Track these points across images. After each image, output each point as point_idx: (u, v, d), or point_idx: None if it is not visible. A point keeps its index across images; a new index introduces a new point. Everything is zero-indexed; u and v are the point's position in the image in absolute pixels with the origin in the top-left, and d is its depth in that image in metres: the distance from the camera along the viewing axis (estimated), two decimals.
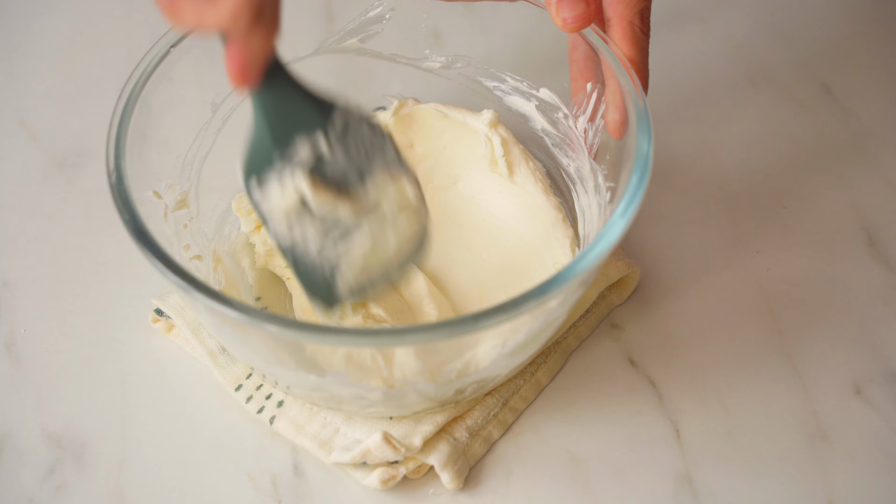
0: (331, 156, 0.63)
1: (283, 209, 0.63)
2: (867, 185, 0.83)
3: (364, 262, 0.65)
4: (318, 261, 0.64)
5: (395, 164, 0.65)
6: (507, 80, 0.78)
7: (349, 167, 0.64)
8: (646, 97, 0.67)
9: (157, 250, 0.62)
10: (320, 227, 0.64)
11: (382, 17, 0.77)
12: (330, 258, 0.64)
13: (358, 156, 0.64)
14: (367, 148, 0.64)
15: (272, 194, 0.63)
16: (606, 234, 0.62)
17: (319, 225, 0.64)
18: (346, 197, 0.64)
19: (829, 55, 0.91)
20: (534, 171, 0.76)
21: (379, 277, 0.66)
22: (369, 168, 0.64)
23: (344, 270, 0.65)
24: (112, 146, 0.65)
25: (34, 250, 0.80)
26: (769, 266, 0.79)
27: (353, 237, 0.64)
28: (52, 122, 0.87)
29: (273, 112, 0.62)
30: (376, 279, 0.66)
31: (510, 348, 0.65)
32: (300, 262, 0.65)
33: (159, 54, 0.69)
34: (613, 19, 0.69)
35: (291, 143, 0.62)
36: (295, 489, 0.70)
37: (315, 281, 0.65)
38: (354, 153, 0.64)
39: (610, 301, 0.77)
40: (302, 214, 0.63)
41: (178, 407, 0.73)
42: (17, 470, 0.70)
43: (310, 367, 0.64)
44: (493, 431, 0.71)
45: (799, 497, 0.69)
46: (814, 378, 0.74)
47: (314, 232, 0.64)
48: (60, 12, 0.95)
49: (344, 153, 0.63)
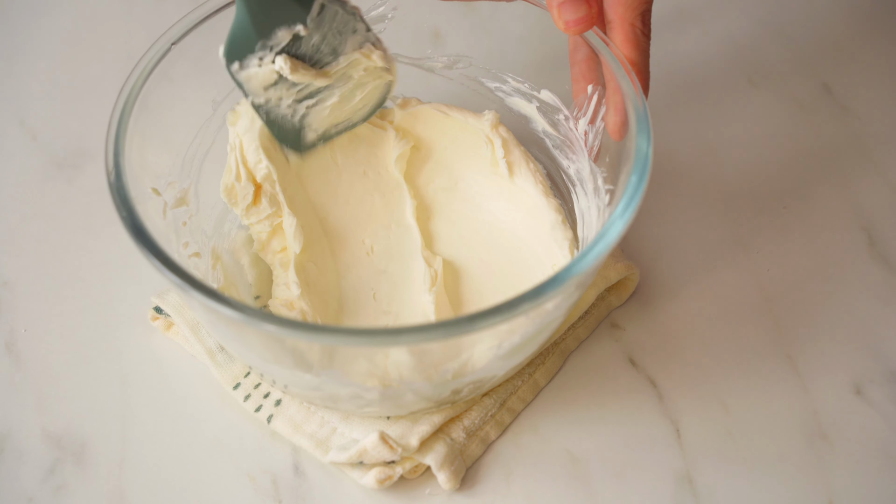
0: (308, 40, 0.67)
1: (261, 84, 0.68)
2: (867, 185, 0.83)
3: (331, 112, 0.72)
4: (288, 114, 0.70)
5: (366, 40, 0.69)
6: (509, 81, 0.78)
7: (324, 48, 0.68)
8: (646, 99, 0.67)
9: (155, 247, 0.62)
10: (294, 95, 0.70)
11: (384, 17, 0.77)
12: (300, 112, 0.71)
13: (332, 37, 0.68)
14: (340, 29, 0.68)
15: (252, 74, 0.68)
16: (605, 234, 0.62)
17: (294, 92, 0.70)
18: (319, 72, 0.69)
19: (829, 55, 0.91)
20: (534, 172, 0.76)
21: (344, 122, 0.74)
22: (342, 47, 0.69)
23: (311, 120, 0.72)
24: (111, 144, 0.65)
25: (34, 250, 0.80)
26: (769, 266, 0.79)
27: (323, 98, 0.71)
28: (52, 122, 0.87)
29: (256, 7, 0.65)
30: (341, 124, 0.74)
31: (506, 350, 0.65)
32: (272, 115, 0.71)
33: (159, 52, 0.69)
34: (614, 21, 0.69)
35: (272, 33, 0.67)
36: (295, 489, 0.70)
37: (285, 129, 0.72)
38: (330, 36, 0.68)
39: (609, 303, 0.77)
40: (278, 84, 0.69)
41: (178, 406, 0.73)
42: (17, 470, 0.70)
43: (307, 366, 0.64)
44: (491, 432, 0.71)
45: (799, 497, 0.69)
46: (814, 378, 0.74)
47: (288, 97, 0.70)
48: (60, 12, 0.95)
49: (320, 37, 0.68)
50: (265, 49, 0.67)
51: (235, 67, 0.68)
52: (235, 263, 0.75)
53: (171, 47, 0.69)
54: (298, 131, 0.72)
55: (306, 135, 0.73)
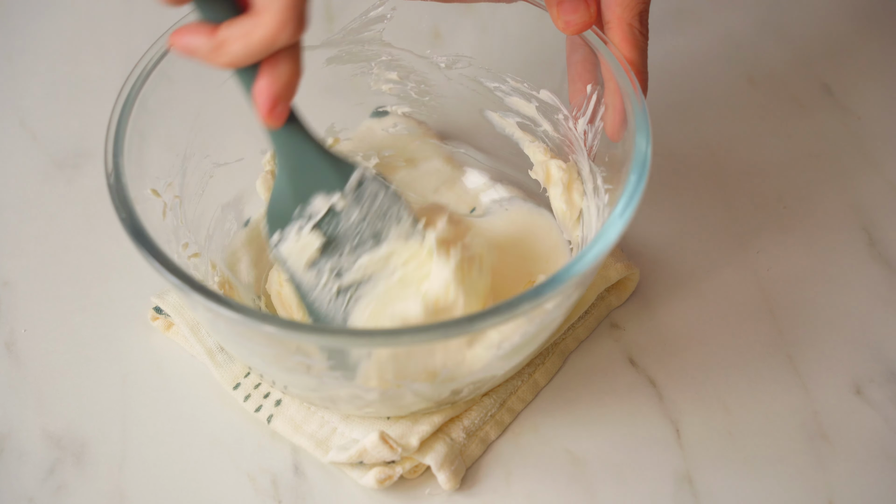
0: (347, 216, 0.67)
1: (303, 260, 0.67)
2: (867, 185, 0.83)
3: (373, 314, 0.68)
4: (332, 312, 0.68)
5: (411, 230, 0.68)
6: (508, 80, 0.78)
7: (365, 230, 0.67)
8: (645, 99, 0.67)
9: (154, 248, 0.62)
10: (336, 279, 0.67)
11: (384, 17, 0.77)
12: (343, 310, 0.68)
13: (375, 220, 0.67)
14: (383, 213, 0.67)
15: (291, 246, 0.67)
16: (604, 234, 0.62)
17: (336, 276, 0.67)
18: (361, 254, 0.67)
19: (829, 55, 0.91)
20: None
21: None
22: (386, 233, 0.67)
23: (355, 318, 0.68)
24: (111, 144, 0.65)
25: (34, 250, 0.80)
26: (769, 266, 0.79)
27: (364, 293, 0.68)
28: (52, 122, 0.87)
29: (294, 160, 0.65)
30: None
31: (506, 350, 0.65)
32: (317, 314, 0.68)
33: (159, 52, 0.69)
34: (612, 21, 0.69)
35: (310, 198, 0.66)
36: (295, 489, 0.70)
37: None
38: (371, 217, 0.67)
39: (609, 303, 0.77)
40: (320, 264, 0.67)
41: (178, 406, 0.73)
42: (17, 470, 0.70)
43: (306, 368, 0.64)
44: (491, 432, 0.71)
45: (799, 497, 0.69)
46: (814, 378, 0.74)
47: (330, 284, 0.67)
48: (60, 12, 0.95)
49: (360, 215, 0.67)
50: (303, 218, 0.67)
51: (276, 239, 0.67)
52: (235, 264, 0.75)
53: (171, 47, 0.69)
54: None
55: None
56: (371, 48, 0.79)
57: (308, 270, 0.68)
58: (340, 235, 0.67)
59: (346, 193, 0.66)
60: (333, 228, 0.67)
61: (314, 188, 0.66)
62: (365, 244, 0.67)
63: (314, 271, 0.67)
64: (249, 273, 0.75)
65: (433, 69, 0.79)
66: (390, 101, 0.81)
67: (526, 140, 0.78)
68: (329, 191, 0.66)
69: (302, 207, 0.67)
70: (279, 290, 0.73)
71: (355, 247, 0.67)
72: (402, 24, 0.78)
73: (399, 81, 0.80)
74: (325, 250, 0.67)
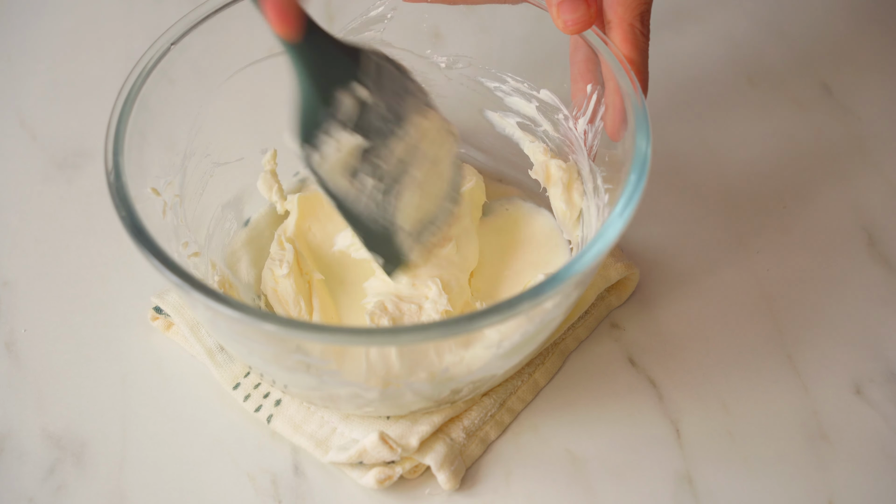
0: (373, 103, 0.65)
1: (340, 167, 0.65)
2: (867, 185, 0.83)
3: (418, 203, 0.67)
4: (380, 217, 0.67)
5: (422, 99, 0.67)
6: (509, 80, 0.78)
7: (389, 115, 0.65)
8: (645, 99, 0.67)
9: (154, 247, 0.62)
10: (374, 177, 0.66)
11: (384, 17, 0.77)
12: (386, 210, 0.67)
13: (393, 101, 0.66)
14: (398, 88, 0.66)
15: (328, 153, 0.64)
16: (604, 234, 0.62)
17: (373, 175, 0.66)
18: (392, 142, 0.66)
19: (829, 55, 0.91)
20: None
21: (433, 217, 0.70)
22: (404, 109, 0.66)
23: (401, 218, 0.67)
24: (111, 143, 0.65)
25: (34, 250, 0.80)
26: (769, 266, 0.79)
27: (406, 184, 0.67)
28: (52, 122, 0.87)
29: (315, 66, 0.63)
30: (431, 219, 0.70)
31: (505, 349, 0.65)
32: (365, 227, 0.67)
33: (159, 52, 0.69)
34: (614, 22, 0.69)
35: (335, 99, 0.64)
36: (295, 489, 0.70)
37: (377, 239, 0.68)
38: (390, 99, 0.65)
39: (609, 303, 0.77)
40: (356, 168, 0.65)
41: (178, 406, 0.73)
42: (17, 470, 0.70)
43: (306, 367, 0.64)
44: (490, 432, 0.71)
45: (799, 497, 0.69)
46: (814, 378, 0.74)
47: (370, 183, 0.66)
48: (60, 12, 0.95)
49: (382, 98, 0.65)
50: (332, 121, 0.64)
51: (310, 155, 0.65)
52: (235, 264, 0.75)
53: (170, 47, 0.69)
54: (393, 236, 0.69)
55: (402, 241, 0.69)
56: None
57: (350, 182, 0.66)
58: (373, 130, 0.65)
59: (368, 82, 0.64)
60: (365, 124, 0.65)
61: (334, 86, 0.64)
62: (393, 131, 0.66)
63: (353, 178, 0.66)
64: (249, 272, 0.75)
65: (433, 69, 0.79)
66: None
67: (526, 140, 0.78)
68: (348, 83, 0.64)
69: (328, 110, 0.64)
70: (275, 288, 0.73)
71: (386, 137, 0.65)
72: (403, 24, 0.78)
73: None
74: (363, 152, 0.65)
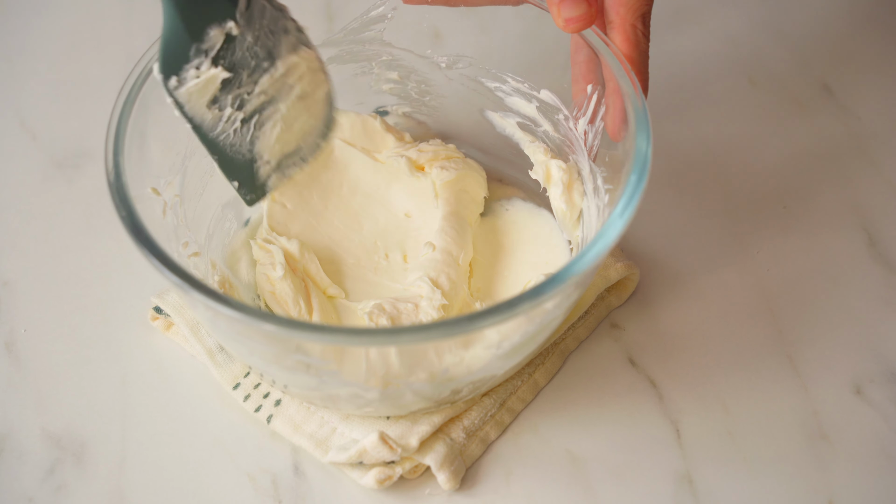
0: (242, 42, 0.64)
1: (203, 100, 0.65)
2: (867, 185, 0.83)
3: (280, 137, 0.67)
4: (237, 142, 0.66)
5: (297, 39, 0.66)
6: (509, 80, 0.78)
7: (260, 51, 0.65)
8: (645, 99, 0.67)
9: (154, 247, 0.62)
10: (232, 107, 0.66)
11: (384, 17, 0.78)
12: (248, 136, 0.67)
13: (266, 38, 0.65)
14: (272, 28, 0.65)
15: (192, 87, 0.64)
16: (604, 234, 0.62)
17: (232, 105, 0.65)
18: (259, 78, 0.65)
19: (829, 55, 0.91)
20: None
21: (296, 149, 0.69)
22: (278, 49, 0.66)
23: (261, 147, 0.67)
24: (111, 143, 0.65)
25: (34, 250, 0.80)
26: (769, 266, 0.79)
27: (269, 115, 0.66)
28: (52, 122, 0.87)
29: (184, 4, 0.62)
30: (295, 151, 0.69)
31: (506, 349, 0.65)
32: (221, 152, 0.67)
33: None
34: (615, 22, 0.69)
35: (204, 34, 0.63)
36: (295, 489, 0.70)
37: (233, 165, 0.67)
38: (263, 37, 0.65)
39: (609, 303, 0.77)
40: (220, 100, 0.65)
41: (178, 406, 0.73)
42: (17, 470, 0.70)
43: (306, 367, 0.64)
44: (490, 432, 0.71)
45: (799, 497, 0.69)
46: (814, 378, 0.74)
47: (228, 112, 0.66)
48: (60, 12, 0.95)
49: (253, 37, 0.65)
50: (200, 55, 0.63)
51: (174, 84, 0.64)
52: (235, 263, 0.75)
53: None
54: (251, 164, 0.68)
55: (260, 169, 0.68)
56: (371, 48, 0.79)
57: (209, 109, 0.65)
58: (238, 63, 0.65)
59: (239, 17, 0.64)
60: (231, 57, 0.64)
61: (206, 21, 0.63)
62: (261, 66, 0.65)
63: (215, 108, 0.65)
64: (249, 272, 0.75)
65: (434, 69, 0.79)
66: (391, 100, 0.81)
67: (526, 140, 0.78)
68: (220, 20, 0.63)
69: (196, 46, 0.63)
70: (272, 290, 0.73)
71: (252, 70, 0.65)
72: (403, 24, 0.78)
73: (399, 81, 0.80)
74: (225, 82, 0.65)
